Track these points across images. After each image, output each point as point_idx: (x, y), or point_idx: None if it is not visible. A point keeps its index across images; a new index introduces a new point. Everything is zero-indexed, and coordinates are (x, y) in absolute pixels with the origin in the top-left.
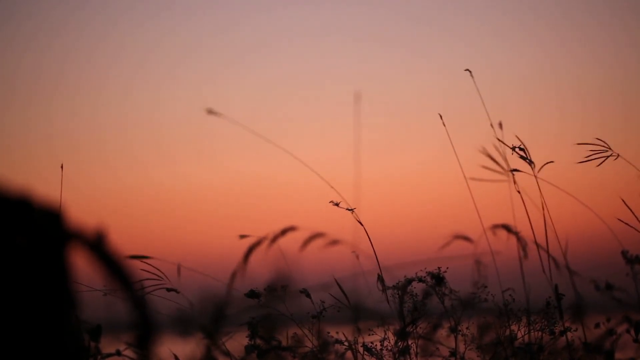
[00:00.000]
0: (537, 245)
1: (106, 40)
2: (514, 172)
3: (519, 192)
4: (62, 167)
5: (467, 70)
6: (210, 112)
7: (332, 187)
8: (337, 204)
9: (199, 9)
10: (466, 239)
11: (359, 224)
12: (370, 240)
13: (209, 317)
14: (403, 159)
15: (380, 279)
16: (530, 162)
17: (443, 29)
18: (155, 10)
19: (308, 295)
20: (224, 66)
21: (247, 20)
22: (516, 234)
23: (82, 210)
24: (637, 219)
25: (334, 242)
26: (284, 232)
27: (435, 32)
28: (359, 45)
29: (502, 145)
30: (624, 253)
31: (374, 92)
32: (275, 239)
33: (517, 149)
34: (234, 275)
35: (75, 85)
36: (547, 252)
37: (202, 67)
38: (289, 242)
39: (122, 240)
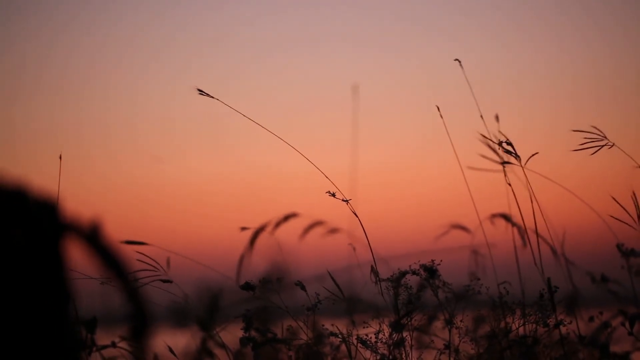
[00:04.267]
0: (532, 235)
1: (113, 35)
2: (505, 165)
3: (509, 184)
4: (60, 157)
5: (457, 60)
6: (200, 92)
7: (327, 178)
8: (333, 195)
9: (207, 8)
10: (463, 228)
11: (355, 216)
12: (364, 231)
13: (205, 309)
14: (398, 151)
15: (374, 271)
16: (517, 156)
17: (436, 27)
18: (164, 6)
19: (303, 288)
20: (227, 61)
21: (254, 20)
22: (515, 223)
23: (81, 201)
24: (629, 214)
25: (334, 230)
26: (286, 218)
27: (429, 30)
28: (356, 42)
29: (495, 137)
30: (619, 246)
31: (371, 85)
32: (278, 224)
33: (504, 144)
34: (241, 259)
35: (77, 78)
36: (538, 240)
37: (204, 63)
38: (286, 234)
39: (119, 232)
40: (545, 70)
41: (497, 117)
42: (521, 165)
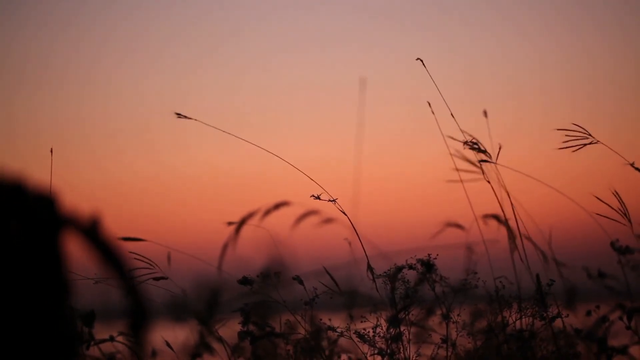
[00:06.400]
0: (517, 233)
1: (111, 31)
2: (482, 163)
3: (488, 182)
4: (51, 151)
5: (419, 59)
6: (178, 115)
7: (312, 180)
8: (318, 197)
9: (217, 5)
10: (458, 226)
11: (344, 215)
12: (355, 229)
13: (203, 304)
14: (394, 145)
15: (369, 268)
16: (487, 154)
17: (431, 24)
18: (166, 6)
19: (301, 282)
20: (230, 59)
21: (251, 24)
22: (506, 223)
23: (79, 195)
24: (614, 209)
25: (328, 220)
26: (277, 206)
27: (423, 27)
28: (355, 40)
29: (471, 139)
30: (613, 243)
31: (370, 81)
32: (268, 212)
33: (469, 143)
34: (225, 247)
35: (77, 73)
36: (521, 238)
37: (204, 61)
38: (282, 228)
39: (117, 226)
40: (535, 68)
41: (485, 113)
42: (494, 162)
